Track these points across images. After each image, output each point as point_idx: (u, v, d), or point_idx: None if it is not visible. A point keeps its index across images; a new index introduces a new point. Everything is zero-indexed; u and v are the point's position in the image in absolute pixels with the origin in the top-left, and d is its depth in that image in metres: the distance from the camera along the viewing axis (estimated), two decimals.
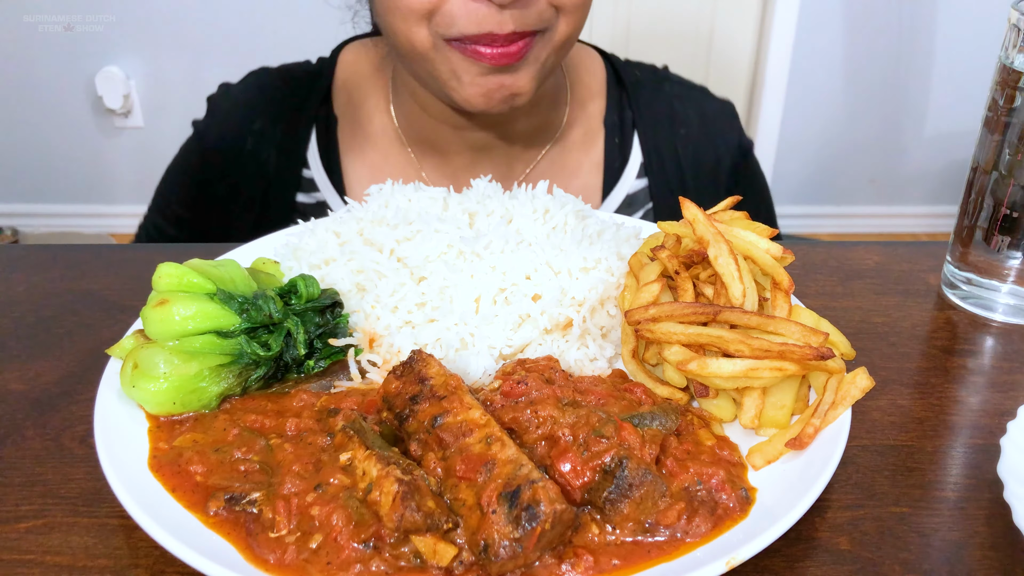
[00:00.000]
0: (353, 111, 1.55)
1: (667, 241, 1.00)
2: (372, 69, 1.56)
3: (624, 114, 1.57)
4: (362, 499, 0.71)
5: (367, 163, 1.55)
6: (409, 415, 0.78)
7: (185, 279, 0.91)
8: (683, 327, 0.85)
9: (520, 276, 1.00)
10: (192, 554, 0.66)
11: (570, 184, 1.56)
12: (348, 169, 1.55)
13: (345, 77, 1.57)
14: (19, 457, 0.89)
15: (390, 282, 1.00)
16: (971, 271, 1.17)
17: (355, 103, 1.56)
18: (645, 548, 0.70)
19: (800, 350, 0.81)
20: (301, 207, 1.54)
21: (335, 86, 1.57)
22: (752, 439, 0.85)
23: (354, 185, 1.54)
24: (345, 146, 1.55)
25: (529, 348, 0.97)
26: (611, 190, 1.55)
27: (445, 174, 1.54)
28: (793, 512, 0.71)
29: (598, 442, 0.74)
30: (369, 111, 1.55)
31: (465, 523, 0.69)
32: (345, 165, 1.55)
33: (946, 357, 1.08)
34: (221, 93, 1.62)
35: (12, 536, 0.78)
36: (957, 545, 0.78)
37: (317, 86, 1.56)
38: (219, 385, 0.88)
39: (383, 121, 1.55)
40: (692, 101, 1.63)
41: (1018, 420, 0.83)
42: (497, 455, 0.71)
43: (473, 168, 1.53)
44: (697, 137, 1.60)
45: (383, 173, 1.54)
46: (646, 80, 1.62)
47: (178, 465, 0.79)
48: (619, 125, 1.57)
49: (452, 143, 1.50)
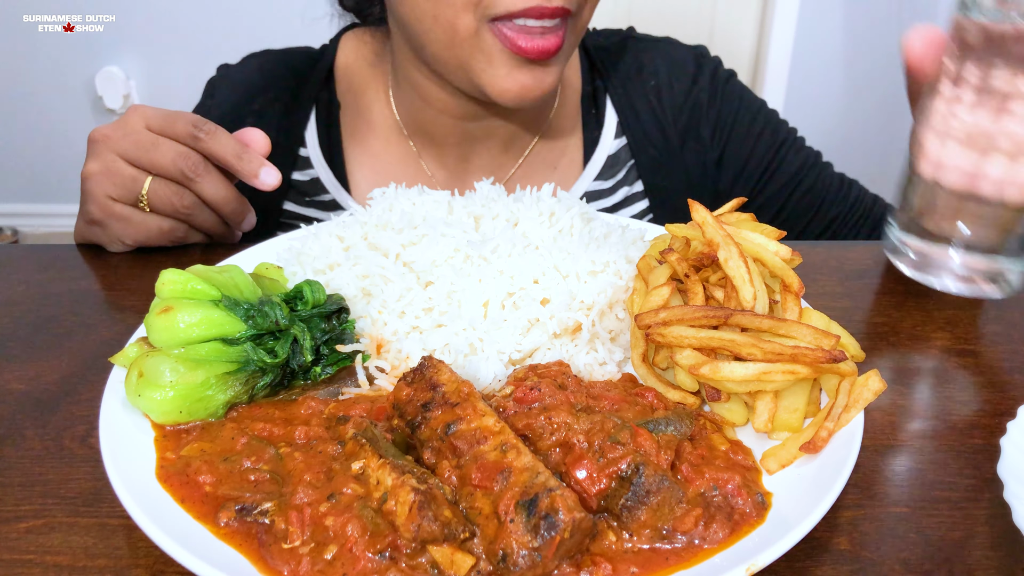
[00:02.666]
0: (354, 98, 1.57)
1: (675, 244, 1.00)
2: (372, 58, 1.57)
3: (596, 83, 1.60)
4: (377, 509, 0.70)
5: (368, 151, 1.56)
6: (421, 422, 0.78)
7: (189, 285, 0.90)
8: (694, 331, 0.85)
9: (528, 280, 1.00)
10: (207, 567, 0.66)
11: (559, 161, 1.59)
12: (350, 155, 1.56)
13: (346, 63, 1.59)
14: (19, 457, 0.88)
15: (396, 287, 0.99)
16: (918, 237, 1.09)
17: (355, 90, 1.57)
18: (663, 555, 0.70)
19: (812, 353, 0.81)
20: (297, 184, 1.55)
21: (336, 71, 1.58)
22: (764, 443, 0.85)
23: (355, 172, 1.55)
24: (347, 132, 1.57)
25: (538, 353, 0.96)
26: (590, 157, 1.57)
27: (444, 164, 1.56)
28: (811, 517, 0.71)
29: (614, 448, 0.74)
30: (369, 100, 1.57)
31: (482, 532, 0.68)
32: (347, 151, 1.56)
33: (946, 357, 1.08)
34: (221, 74, 1.63)
35: (12, 536, 0.78)
36: (957, 545, 0.78)
37: (318, 69, 1.57)
38: (226, 393, 0.87)
39: (383, 111, 1.56)
40: (658, 51, 1.64)
41: (1018, 420, 0.83)
42: (513, 463, 0.70)
43: (471, 157, 1.55)
44: (668, 84, 1.60)
45: (382, 162, 1.56)
46: (610, 44, 1.65)
47: (186, 475, 0.78)
48: (592, 94, 1.60)
49: (450, 133, 1.51)
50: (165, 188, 1.21)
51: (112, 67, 4.04)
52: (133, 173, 1.20)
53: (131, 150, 1.19)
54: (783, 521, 0.73)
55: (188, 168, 1.19)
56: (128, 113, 1.23)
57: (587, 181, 1.57)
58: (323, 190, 1.54)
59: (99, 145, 1.21)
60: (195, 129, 1.18)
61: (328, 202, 1.54)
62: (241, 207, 1.28)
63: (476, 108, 1.46)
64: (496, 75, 1.26)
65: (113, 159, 1.20)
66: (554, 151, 1.59)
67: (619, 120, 1.58)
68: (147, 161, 1.19)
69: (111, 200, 1.23)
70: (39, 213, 4.40)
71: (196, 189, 1.21)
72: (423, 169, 1.56)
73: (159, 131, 1.20)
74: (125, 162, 1.20)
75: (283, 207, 1.55)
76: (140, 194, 1.21)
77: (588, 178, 1.57)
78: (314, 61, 1.59)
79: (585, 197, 1.57)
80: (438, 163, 1.56)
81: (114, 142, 1.20)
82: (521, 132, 1.55)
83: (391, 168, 1.56)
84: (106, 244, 1.31)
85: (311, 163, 1.55)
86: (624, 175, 1.58)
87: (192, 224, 1.27)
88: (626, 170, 1.58)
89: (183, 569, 0.72)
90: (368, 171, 1.56)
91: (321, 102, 1.56)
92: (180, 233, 1.28)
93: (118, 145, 1.20)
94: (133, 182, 1.20)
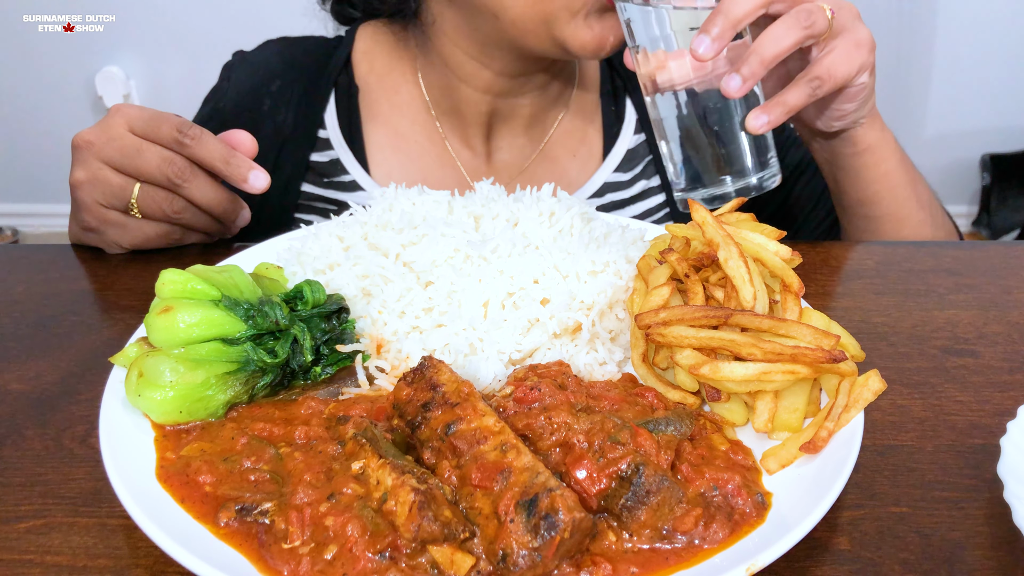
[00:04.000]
0: (378, 80, 1.59)
1: (675, 244, 1.00)
2: (394, 43, 1.60)
3: (616, 83, 1.66)
4: (377, 509, 0.70)
5: (393, 130, 1.58)
6: (421, 422, 0.78)
7: (189, 285, 0.90)
8: (694, 331, 0.85)
9: (528, 280, 1.00)
10: (207, 567, 0.66)
11: (579, 149, 1.63)
12: (370, 137, 1.57)
13: (366, 49, 1.61)
14: (19, 457, 0.88)
15: (396, 287, 0.99)
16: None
17: (379, 72, 1.59)
18: (663, 555, 0.70)
19: (812, 353, 0.81)
20: (315, 166, 1.56)
21: (355, 56, 1.60)
22: (764, 443, 0.85)
23: (375, 153, 1.57)
24: (368, 114, 1.58)
25: (538, 353, 0.96)
26: (610, 149, 1.62)
27: (468, 144, 1.59)
28: (810, 518, 0.71)
29: (614, 448, 0.74)
30: (395, 81, 1.59)
31: (482, 532, 0.68)
32: (367, 133, 1.57)
33: (946, 357, 1.08)
34: (238, 59, 1.63)
35: (12, 536, 0.78)
36: (957, 545, 0.78)
37: (337, 54, 1.59)
38: (226, 393, 0.87)
39: (411, 91, 1.58)
40: None
41: (1018, 420, 0.83)
42: (513, 463, 0.70)
43: (494, 138, 1.59)
44: None
45: (407, 141, 1.58)
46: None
47: (186, 475, 0.78)
48: (612, 93, 1.65)
49: (479, 112, 1.55)
50: (154, 194, 1.20)
51: (112, 67, 4.04)
52: (120, 181, 1.19)
53: (116, 157, 1.18)
54: (783, 521, 0.73)
55: (174, 174, 1.18)
56: (110, 114, 1.21)
57: (607, 172, 1.61)
58: (343, 170, 1.55)
59: (83, 152, 1.20)
60: (180, 134, 1.17)
61: (348, 183, 1.56)
62: (233, 206, 1.28)
63: (511, 84, 1.50)
64: (578, 27, 1.31)
65: (99, 167, 1.19)
66: (574, 138, 1.63)
67: (638, 118, 1.64)
68: (133, 168, 1.18)
69: (103, 208, 1.22)
70: (39, 213, 4.40)
71: (185, 194, 1.21)
72: (447, 149, 1.59)
73: (143, 135, 1.19)
74: (112, 169, 1.19)
75: (301, 188, 1.56)
76: (130, 201, 1.21)
77: (608, 169, 1.61)
78: (332, 48, 1.61)
79: (604, 187, 1.61)
80: (462, 143, 1.59)
81: (98, 149, 1.19)
82: (542, 116, 1.59)
83: (414, 148, 1.58)
84: (104, 248, 1.31)
85: (331, 144, 1.56)
86: (642, 169, 1.63)
87: (185, 226, 1.27)
88: (644, 164, 1.63)
89: (183, 569, 0.72)
90: (391, 151, 1.58)
91: (340, 85, 1.58)
92: (176, 235, 1.28)
93: (102, 152, 1.19)
94: (121, 190, 1.20)
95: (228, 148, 1.20)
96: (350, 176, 1.55)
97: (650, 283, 0.95)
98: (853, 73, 1.18)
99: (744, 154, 1.17)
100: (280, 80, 1.56)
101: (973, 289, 1.24)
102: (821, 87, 1.15)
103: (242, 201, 1.30)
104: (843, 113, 1.27)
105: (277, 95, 1.55)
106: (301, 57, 1.60)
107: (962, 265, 1.31)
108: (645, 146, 1.64)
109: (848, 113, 1.27)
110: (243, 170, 1.21)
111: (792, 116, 1.21)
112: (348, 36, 1.62)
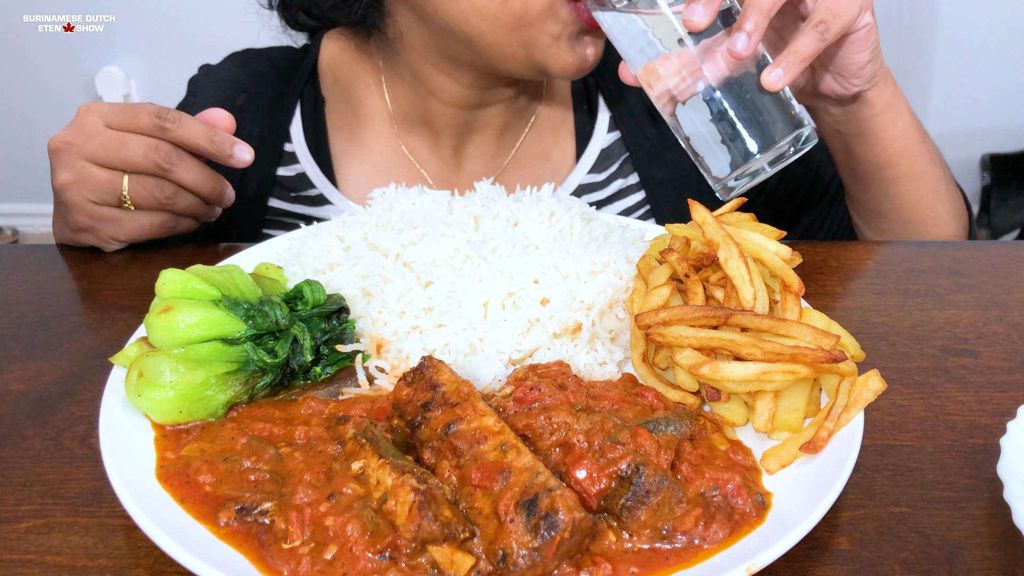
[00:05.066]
0: (343, 91, 1.57)
1: (675, 244, 1.00)
2: (358, 54, 1.58)
3: (587, 80, 1.63)
4: (377, 509, 0.70)
5: (358, 143, 1.56)
6: (421, 422, 0.78)
7: (189, 285, 0.90)
8: (694, 331, 0.85)
9: (528, 280, 1.00)
10: (207, 567, 0.66)
11: (551, 152, 1.61)
12: (336, 149, 1.56)
13: (331, 58, 1.59)
14: (19, 457, 0.88)
15: (396, 287, 0.99)
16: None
17: (344, 84, 1.58)
18: (663, 555, 0.70)
19: (812, 353, 0.81)
20: (282, 180, 1.55)
21: (320, 67, 1.59)
22: (764, 443, 0.85)
23: (342, 166, 1.56)
24: (334, 126, 1.57)
25: (538, 353, 0.96)
26: (583, 150, 1.60)
27: (438, 154, 1.57)
28: (810, 517, 0.71)
29: (614, 448, 0.74)
30: (360, 92, 1.57)
31: (482, 532, 0.68)
32: (334, 145, 1.56)
33: (946, 357, 1.08)
34: (203, 73, 1.63)
35: (12, 536, 0.78)
36: (957, 545, 0.78)
37: (302, 66, 1.58)
38: (226, 393, 0.87)
39: (375, 102, 1.56)
40: None
41: (1018, 420, 0.83)
42: (513, 463, 0.70)
43: (466, 147, 1.57)
44: None
45: (373, 153, 1.56)
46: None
47: (186, 475, 0.78)
48: (583, 91, 1.63)
49: (450, 124, 1.53)
50: (145, 183, 1.20)
51: (112, 67, 4.04)
52: (108, 176, 1.19)
53: (99, 153, 1.18)
54: (783, 521, 0.73)
55: (162, 159, 1.18)
56: (81, 114, 1.21)
57: (580, 174, 1.59)
58: (309, 185, 1.54)
59: (64, 154, 1.20)
60: (160, 120, 1.17)
61: (315, 197, 1.54)
62: (218, 184, 1.28)
63: (482, 96, 1.48)
64: (560, 49, 1.30)
65: (83, 165, 1.19)
66: (545, 142, 1.61)
67: (612, 115, 1.61)
68: (119, 160, 1.18)
69: (95, 205, 1.22)
70: (39, 213, 4.40)
71: (174, 178, 1.21)
72: (414, 160, 1.57)
73: (121, 127, 1.18)
74: (97, 166, 1.19)
75: (268, 204, 1.55)
76: (121, 194, 1.21)
77: (582, 171, 1.59)
78: (298, 59, 1.60)
79: (578, 189, 1.59)
80: (432, 152, 1.57)
81: (79, 147, 1.19)
82: (514, 122, 1.57)
83: (382, 159, 1.56)
84: (100, 246, 1.31)
85: (297, 158, 1.54)
86: (618, 168, 1.60)
87: (176, 212, 1.27)
88: (619, 163, 1.60)
89: (183, 569, 0.72)
90: (357, 164, 1.56)
91: (306, 98, 1.56)
92: (170, 223, 1.28)
93: (84, 150, 1.19)
94: (111, 184, 1.20)
95: (209, 126, 1.21)
96: (317, 190, 1.53)
97: (650, 283, 0.95)
98: (856, 11, 1.14)
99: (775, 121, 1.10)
100: (245, 94, 1.55)
101: (973, 289, 1.24)
102: (828, 30, 1.11)
103: (225, 180, 1.30)
104: (859, 66, 1.22)
105: (243, 109, 1.53)
106: (267, 69, 1.58)
107: (962, 265, 1.30)
108: (620, 144, 1.61)
109: (864, 65, 1.22)
110: (227, 146, 1.21)
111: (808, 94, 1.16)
112: (314, 45, 1.60)
